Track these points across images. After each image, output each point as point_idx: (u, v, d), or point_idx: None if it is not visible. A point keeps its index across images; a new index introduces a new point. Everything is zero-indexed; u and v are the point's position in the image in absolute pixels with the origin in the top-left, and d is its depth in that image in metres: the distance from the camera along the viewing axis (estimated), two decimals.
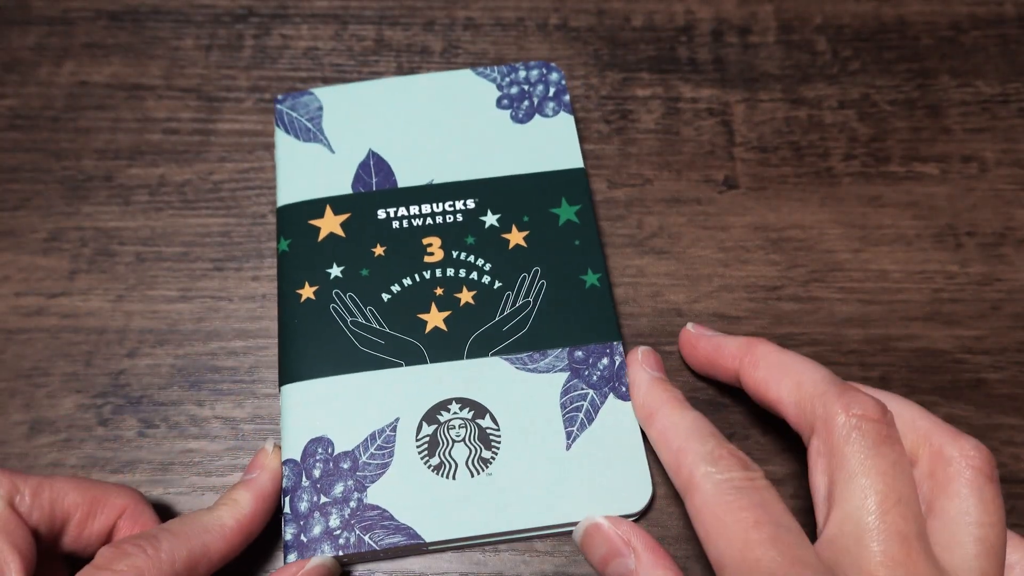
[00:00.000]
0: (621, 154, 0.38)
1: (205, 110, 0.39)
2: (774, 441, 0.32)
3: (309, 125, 0.36)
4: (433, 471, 0.30)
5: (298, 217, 0.34)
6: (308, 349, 0.32)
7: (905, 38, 0.40)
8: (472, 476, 0.30)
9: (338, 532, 0.29)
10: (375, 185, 0.35)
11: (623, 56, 0.40)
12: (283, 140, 0.36)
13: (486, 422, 0.30)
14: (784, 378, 0.28)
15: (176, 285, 0.35)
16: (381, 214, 0.34)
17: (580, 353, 0.32)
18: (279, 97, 0.37)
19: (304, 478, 0.30)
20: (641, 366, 0.31)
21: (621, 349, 0.32)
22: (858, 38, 0.40)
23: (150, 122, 0.39)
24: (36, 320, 0.34)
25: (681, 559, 0.30)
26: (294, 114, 0.37)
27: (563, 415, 0.31)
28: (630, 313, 0.34)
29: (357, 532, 0.29)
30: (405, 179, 0.35)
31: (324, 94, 0.37)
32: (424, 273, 0.33)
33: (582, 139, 0.38)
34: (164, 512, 0.31)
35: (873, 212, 0.36)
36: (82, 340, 0.34)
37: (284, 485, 0.29)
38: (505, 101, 0.37)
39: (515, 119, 0.36)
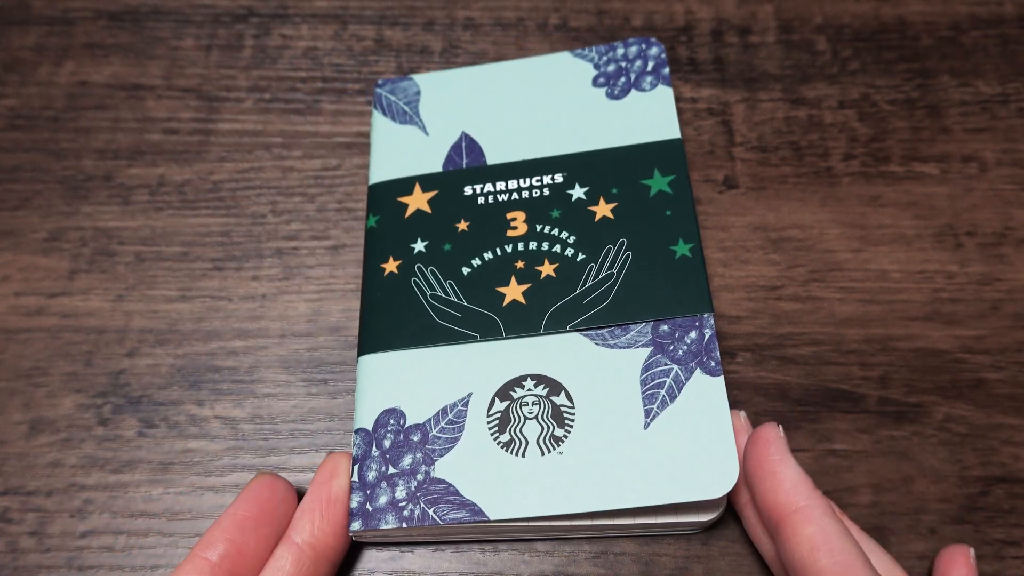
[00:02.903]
0: None
1: (205, 110, 0.39)
2: None
3: (406, 108, 0.36)
4: (503, 448, 0.29)
5: (387, 194, 0.35)
6: (386, 321, 0.32)
7: (905, 38, 0.40)
8: (543, 455, 0.29)
9: (403, 504, 0.28)
10: (465, 164, 0.35)
11: None
12: (379, 122, 0.37)
13: (561, 399, 0.30)
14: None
15: (176, 285, 0.35)
16: (468, 190, 0.34)
17: (666, 327, 0.30)
18: (379, 82, 0.38)
19: (374, 447, 0.29)
20: (788, 455, 0.27)
21: (712, 321, 0.30)
22: (858, 38, 0.40)
23: (150, 122, 0.39)
24: (36, 320, 0.34)
25: (680, 559, 0.30)
26: (392, 98, 0.37)
27: (642, 392, 0.29)
28: None
29: (422, 505, 0.28)
30: (495, 158, 0.35)
31: (423, 80, 0.37)
32: (506, 247, 0.33)
33: None
34: (164, 512, 0.31)
35: (873, 212, 0.36)
36: (82, 340, 0.34)
37: (354, 453, 0.29)
38: (601, 79, 0.36)
39: (611, 96, 0.36)
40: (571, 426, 0.29)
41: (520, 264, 0.32)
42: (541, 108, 0.36)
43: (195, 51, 0.41)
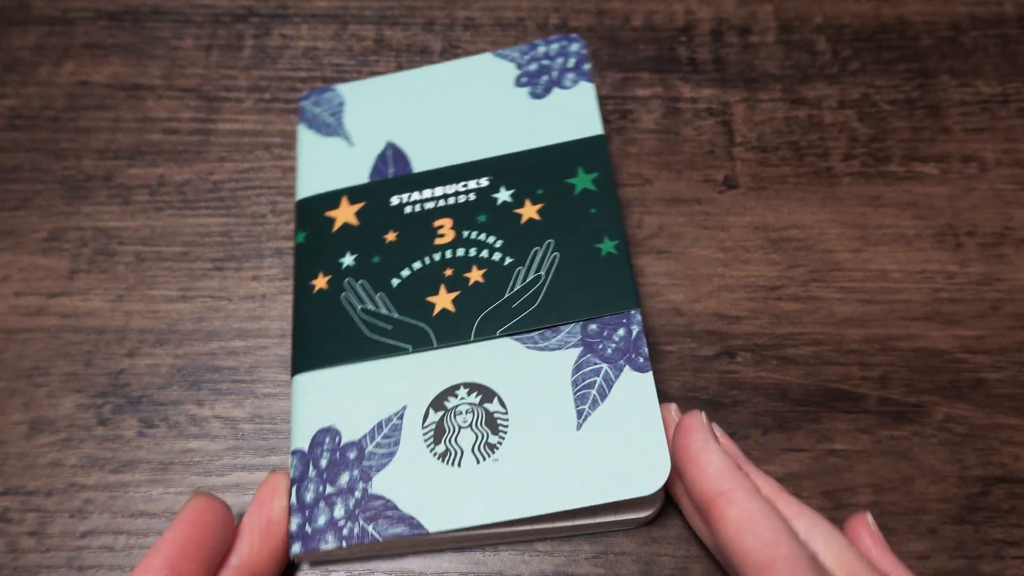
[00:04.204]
0: (621, 154, 0.38)
1: (205, 110, 0.39)
2: (774, 441, 0.32)
3: (330, 120, 0.36)
4: (438, 459, 0.29)
5: (315, 209, 0.34)
6: (317, 339, 0.31)
7: (905, 38, 0.40)
8: (478, 463, 0.29)
9: (342, 523, 0.28)
10: (391, 174, 0.34)
11: (623, 56, 0.40)
12: (305, 135, 0.36)
13: (494, 406, 0.30)
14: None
15: (176, 285, 0.35)
16: (395, 200, 0.34)
17: (594, 326, 0.30)
18: (304, 94, 0.37)
19: (311, 468, 0.29)
20: (711, 441, 0.27)
21: (639, 318, 0.30)
22: (858, 38, 0.40)
23: (150, 122, 0.39)
24: (36, 320, 0.34)
25: (680, 559, 0.30)
26: (317, 110, 0.36)
27: (574, 393, 0.29)
28: None
29: (361, 522, 0.28)
30: (421, 165, 0.34)
31: (347, 89, 0.37)
32: (434, 255, 0.32)
33: None
34: (164, 512, 0.31)
35: (873, 212, 0.36)
36: (82, 340, 0.34)
37: (292, 475, 0.29)
38: (524, 79, 0.36)
39: (533, 95, 0.35)
40: (505, 432, 0.29)
41: (448, 272, 0.32)
42: (465, 112, 0.36)
43: (195, 51, 0.41)
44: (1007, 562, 0.30)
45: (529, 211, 0.33)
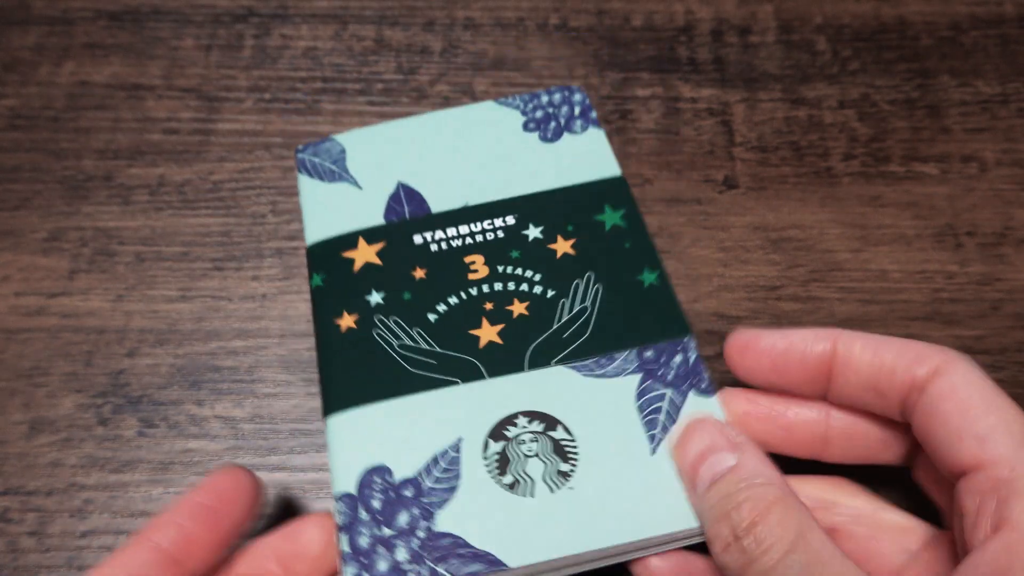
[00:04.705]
0: (621, 154, 0.38)
1: (205, 110, 0.39)
2: None
3: (333, 167, 0.35)
4: (508, 489, 0.27)
5: (330, 252, 0.33)
6: (354, 376, 0.30)
7: (905, 38, 0.40)
8: (552, 491, 0.27)
9: (408, 567, 0.26)
10: (408, 214, 0.34)
11: (623, 56, 0.40)
12: (307, 183, 0.35)
13: (559, 433, 0.28)
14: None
15: (176, 285, 0.35)
16: (418, 239, 0.33)
17: (650, 353, 0.30)
18: (299, 148, 0.36)
19: (362, 511, 0.27)
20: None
21: (693, 344, 0.30)
22: (858, 38, 0.40)
23: (150, 122, 0.39)
24: (36, 320, 0.34)
25: None
26: (316, 159, 0.35)
27: (642, 418, 0.28)
28: None
29: (429, 564, 0.26)
30: (438, 205, 0.34)
31: (345, 138, 0.36)
32: (470, 290, 0.32)
33: None
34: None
35: (873, 212, 0.36)
36: (82, 340, 0.34)
37: (339, 522, 0.27)
38: (531, 124, 0.36)
39: (544, 139, 0.35)
40: (576, 460, 0.28)
41: (489, 305, 0.31)
42: (476, 154, 0.35)
43: (195, 51, 0.41)
44: None
45: (563, 246, 0.32)
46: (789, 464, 0.27)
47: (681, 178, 0.37)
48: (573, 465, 0.28)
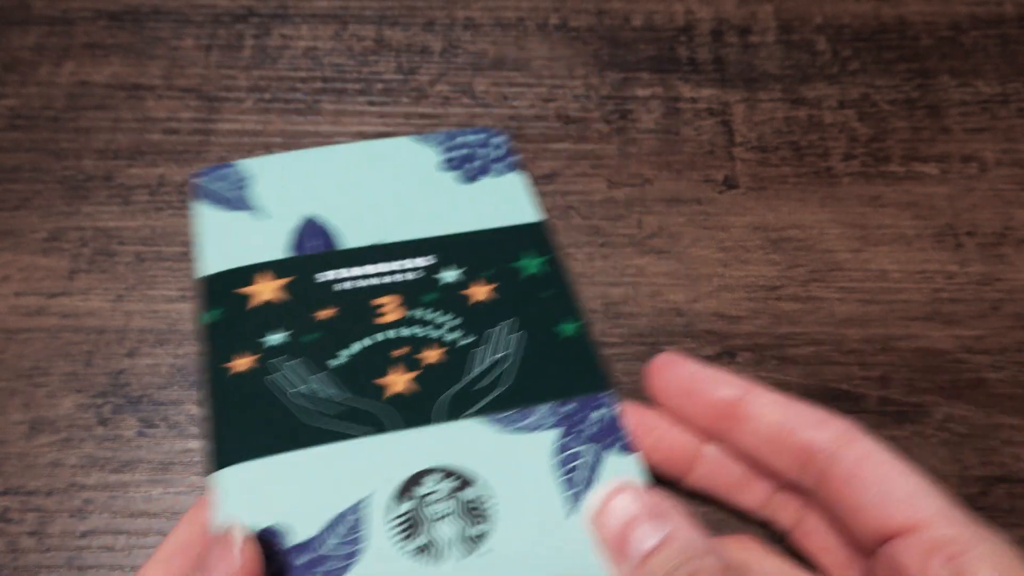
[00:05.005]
0: (621, 154, 0.38)
1: (205, 110, 0.39)
2: None
3: (234, 195, 0.33)
4: (415, 555, 0.25)
5: (225, 286, 0.31)
6: (245, 427, 0.27)
7: (905, 38, 0.41)
8: (463, 557, 0.25)
9: None
10: (314, 249, 0.32)
11: (623, 56, 0.40)
12: (204, 212, 0.33)
13: (471, 492, 0.27)
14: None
15: (176, 285, 0.35)
16: (323, 277, 0.31)
17: (569, 407, 0.28)
18: (196, 173, 0.34)
19: None
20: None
21: (615, 399, 0.29)
22: (858, 38, 0.41)
23: (150, 122, 0.39)
24: (36, 320, 0.34)
25: None
26: (216, 185, 0.34)
27: (559, 478, 0.27)
28: (630, 313, 0.34)
29: None
30: (348, 241, 0.32)
31: (249, 166, 0.34)
32: (378, 335, 0.30)
33: (582, 139, 0.38)
34: (164, 512, 0.31)
35: (873, 212, 0.36)
36: (82, 340, 0.34)
37: None
38: (448, 163, 0.34)
39: (462, 180, 0.34)
40: (488, 522, 0.26)
41: (399, 352, 0.29)
42: (391, 190, 0.34)
43: (195, 51, 0.41)
44: None
45: (480, 292, 0.31)
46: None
47: (681, 178, 0.37)
48: (485, 528, 0.26)
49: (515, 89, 0.40)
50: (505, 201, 0.34)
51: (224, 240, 0.32)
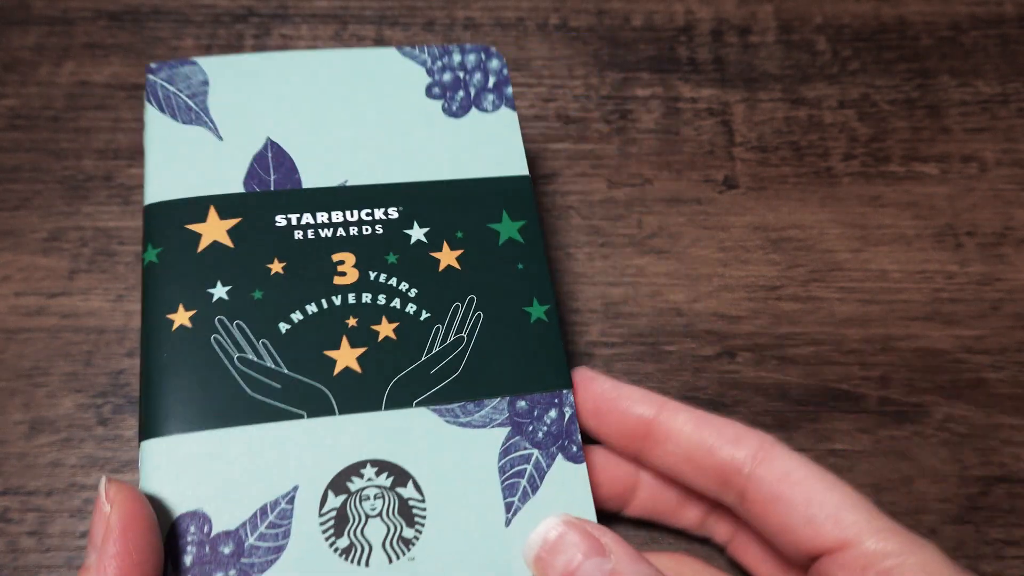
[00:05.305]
0: (621, 154, 0.38)
1: None
2: None
3: (191, 103, 0.29)
4: (341, 556, 0.24)
5: (172, 220, 0.27)
6: (180, 393, 0.25)
7: (905, 38, 0.40)
8: (390, 561, 0.24)
9: None
10: (273, 184, 0.28)
11: (623, 56, 0.40)
12: (156, 120, 0.28)
13: (408, 491, 0.24)
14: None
15: None
16: (280, 220, 0.27)
17: (523, 403, 0.26)
18: (152, 66, 0.29)
19: (170, 567, 0.23)
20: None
21: (571, 399, 0.26)
22: (858, 38, 0.41)
23: None
24: (36, 320, 0.34)
25: None
26: (171, 88, 0.29)
27: (502, 482, 0.25)
28: (630, 313, 0.34)
29: None
30: (312, 178, 0.28)
31: (211, 65, 0.29)
32: (334, 298, 0.26)
33: (582, 139, 0.38)
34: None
35: (873, 212, 0.36)
36: (82, 340, 0.34)
37: None
38: (436, 89, 0.30)
39: (448, 112, 0.30)
40: (422, 525, 0.24)
41: (352, 321, 0.26)
42: (367, 116, 0.29)
43: (195, 51, 0.41)
44: (1007, 562, 0.30)
45: (448, 257, 0.28)
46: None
47: (681, 178, 0.37)
48: (418, 531, 0.24)
49: (515, 89, 0.40)
50: (492, 145, 0.30)
51: (175, 161, 0.28)
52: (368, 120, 0.29)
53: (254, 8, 0.42)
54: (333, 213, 0.28)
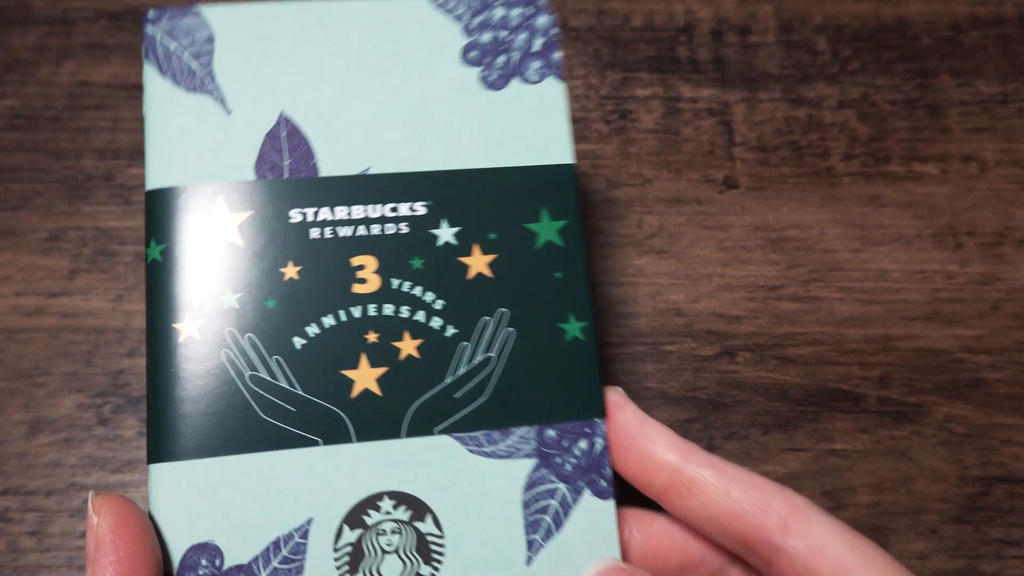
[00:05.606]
0: (621, 154, 0.38)
1: None
2: (774, 441, 0.32)
3: (195, 65, 0.25)
4: None
5: (177, 211, 0.24)
6: (190, 415, 0.23)
7: (905, 38, 0.40)
8: None
9: None
10: (288, 170, 0.25)
11: (623, 56, 0.40)
12: (156, 85, 0.25)
13: (427, 526, 0.23)
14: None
15: None
16: (295, 216, 0.24)
17: (552, 432, 0.24)
18: (149, 14, 0.25)
19: None
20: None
21: (603, 428, 0.24)
22: (858, 38, 0.41)
23: None
24: (36, 320, 0.34)
25: None
26: (172, 45, 0.25)
27: (525, 518, 0.23)
28: (630, 313, 0.34)
29: None
30: (330, 164, 0.25)
31: (217, 17, 0.25)
32: (352, 310, 0.24)
33: (581, 139, 0.38)
34: None
35: (873, 212, 0.36)
36: (82, 340, 0.34)
37: None
38: (474, 53, 0.26)
39: (485, 82, 0.26)
40: (440, 562, 0.23)
41: (372, 336, 0.24)
42: (393, 85, 0.25)
43: None
44: (1007, 562, 0.30)
45: (479, 263, 0.25)
46: None
47: (681, 178, 0.37)
48: (435, 568, 0.23)
49: None
50: (534, 125, 0.26)
51: (179, 140, 0.25)
52: (395, 91, 0.25)
53: None
54: (353, 208, 0.25)
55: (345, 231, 0.24)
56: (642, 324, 0.34)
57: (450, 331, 0.24)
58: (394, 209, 0.25)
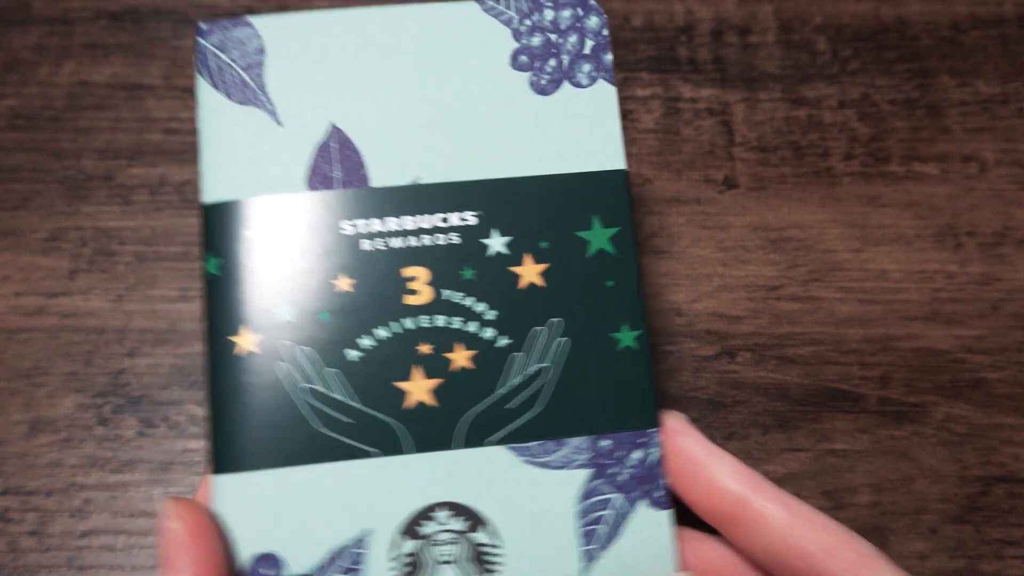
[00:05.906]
0: None
1: None
2: (774, 441, 0.32)
3: (246, 77, 0.25)
4: None
5: (234, 225, 0.24)
6: (251, 427, 0.23)
7: (905, 38, 0.40)
8: None
9: None
10: (340, 182, 0.25)
11: (623, 56, 0.40)
12: (209, 98, 0.25)
13: (482, 536, 0.23)
14: None
15: (176, 285, 0.35)
16: (346, 228, 0.24)
17: (607, 443, 0.24)
18: (202, 27, 0.26)
19: None
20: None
21: (658, 439, 0.24)
22: (858, 38, 0.41)
23: (150, 122, 0.39)
24: (36, 320, 0.34)
25: None
26: (224, 57, 0.25)
27: (580, 528, 0.23)
28: None
29: None
30: (380, 175, 0.25)
31: (267, 27, 0.25)
32: (404, 321, 0.24)
33: None
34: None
35: (873, 212, 0.36)
36: (82, 340, 0.34)
37: None
38: (524, 57, 0.26)
39: (536, 87, 0.26)
40: (495, 572, 0.23)
41: (425, 348, 0.24)
42: (443, 94, 0.25)
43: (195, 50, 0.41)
44: (1007, 562, 0.30)
45: (530, 272, 0.25)
46: None
47: (681, 178, 0.37)
48: None
49: None
50: (585, 130, 0.25)
51: (233, 153, 0.25)
52: (445, 99, 0.25)
53: (254, 8, 0.42)
54: (404, 219, 0.25)
55: (396, 242, 0.25)
56: None
57: (502, 342, 0.24)
58: (444, 219, 0.25)
